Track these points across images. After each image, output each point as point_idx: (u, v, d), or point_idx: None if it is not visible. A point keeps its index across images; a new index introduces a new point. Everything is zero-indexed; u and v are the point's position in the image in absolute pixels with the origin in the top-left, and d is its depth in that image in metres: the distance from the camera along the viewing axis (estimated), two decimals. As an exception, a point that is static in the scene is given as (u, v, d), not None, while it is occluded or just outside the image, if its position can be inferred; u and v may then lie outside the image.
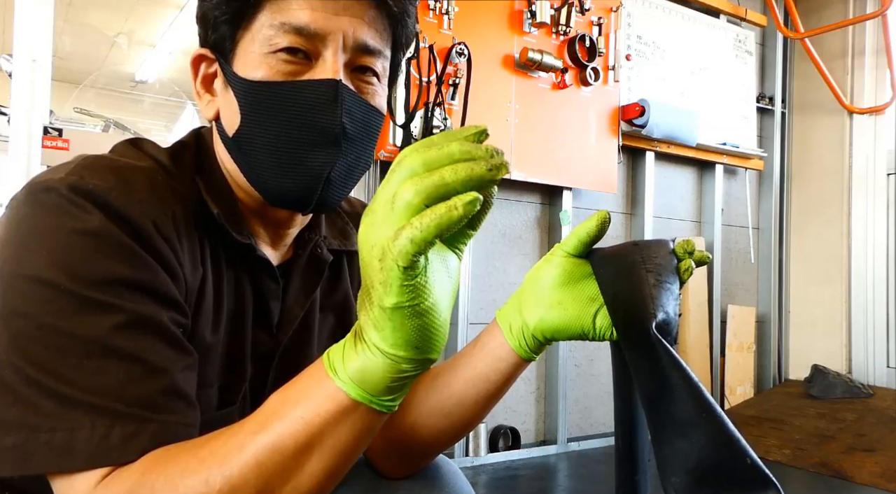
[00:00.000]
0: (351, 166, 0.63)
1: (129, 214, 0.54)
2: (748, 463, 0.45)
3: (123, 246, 0.53)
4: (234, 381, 0.65)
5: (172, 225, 0.57)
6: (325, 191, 0.62)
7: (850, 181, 3.21)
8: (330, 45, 0.60)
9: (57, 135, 1.71)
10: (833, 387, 2.90)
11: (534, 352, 0.64)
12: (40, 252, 0.52)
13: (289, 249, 0.72)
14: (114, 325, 0.51)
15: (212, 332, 0.62)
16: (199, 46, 0.66)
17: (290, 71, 0.60)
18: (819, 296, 3.24)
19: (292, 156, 0.60)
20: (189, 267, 0.59)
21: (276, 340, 0.69)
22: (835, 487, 2.11)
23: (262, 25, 0.60)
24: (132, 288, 0.52)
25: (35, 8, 1.70)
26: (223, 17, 0.61)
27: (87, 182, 0.54)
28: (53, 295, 0.50)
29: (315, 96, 0.59)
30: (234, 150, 0.64)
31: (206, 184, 0.64)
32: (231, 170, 0.66)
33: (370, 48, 0.62)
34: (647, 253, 0.57)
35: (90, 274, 0.51)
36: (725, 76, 3.01)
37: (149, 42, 4.08)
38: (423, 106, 2.05)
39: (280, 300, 0.69)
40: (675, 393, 0.48)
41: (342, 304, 0.77)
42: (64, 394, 0.48)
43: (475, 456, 2.25)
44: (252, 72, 0.60)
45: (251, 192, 0.65)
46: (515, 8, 2.33)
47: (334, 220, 0.78)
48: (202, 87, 0.67)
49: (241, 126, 0.62)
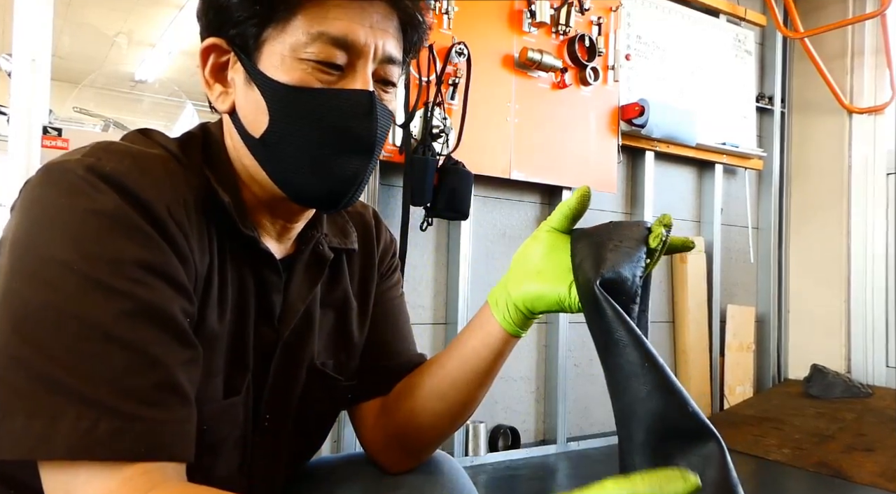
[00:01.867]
0: (373, 168, 0.67)
1: (145, 197, 0.54)
2: (689, 412, 0.46)
3: (137, 227, 0.53)
4: (238, 372, 0.66)
5: (184, 211, 0.58)
6: (355, 193, 0.65)
7: (849, 181, 3.21)
8: (363, 56, 0.62)
9: (56, 134, 1.71)
10: (832, 387, 2.90)
11: (519, 326, 0.67)
12: (53, 230, 0.52)
13: (291, 245, 0.73)
14: (120, 311, 0.50)
15: (218, 321, 0.63)
16: (207, 34, 0.65)
17: (326, 79, 0.61)
18: (818, 296, 3.24)
19: (327, 160, 0.62)
20: (198, 254, 0.59)
21: (277, 333, 0.69)
22: (834, 487, 2.11)
23: (296, 30, 0.60)
24: (143, 270, 0.52)
25: (34, 7, 1.69)
26: (252, 14, 0.61)
27: (104, 164, 0.55)
28: (62, 272, 0.50)
29: (352, 106, 0.61)
30: (258, 149, 0.64)
31: (215, 175, 0.64)
32: (248, 165, 0.66)
33: (393, 59, 0.65)
34: (618, 229, 0.60)
35: (102, 254, 0.51)
36: (725, 76, 3.01)
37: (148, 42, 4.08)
38: (422, 105, 2.05)
39: (282, 293, 0.70)
40: (620, 346, 0.50)
41: (342, 302, 0.78)
42: (50, 377, 0.48)
43: (475, 456, 2.25)
44: (283, 74, 0.61)
45: (267, 187, 0.66)
46: (515, 8, 2.32)
47: (335, 218, 0.79)
48: (211, 76, 0.66)
49: (271, 126, 0.62)
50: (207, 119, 0.73)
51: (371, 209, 0.87)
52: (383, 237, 0.86)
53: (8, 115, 1.69)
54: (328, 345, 0.76)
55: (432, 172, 2.02)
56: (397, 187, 2.16)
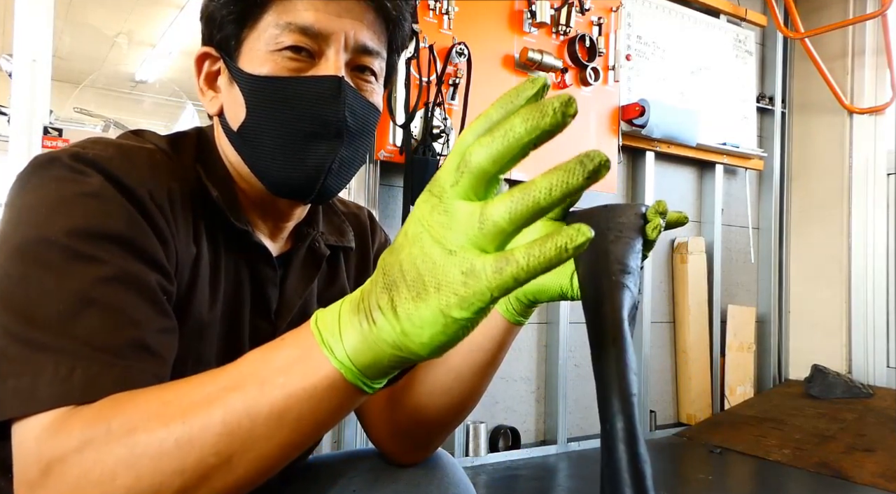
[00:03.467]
0: (350, 159, 0.67)
1: (127, 181, 0.57)
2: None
3: (120, 205, 0.56)
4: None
5: (167, 197, 0.60)
6: (326, 180, 0.65)
7: (849, 181, 3.20)
8: (332, 44, 0.63)
9: (57, 135, 1.71)
10: (833, 387, 2.90)
11: (520, 315, 0.66)
12: (40, 212, 0.54)
13: (287, 242, 0.75)
14: (97, 277, 0.52)
15: (208, 310, 0.64)
16: (202, 45, 0.69)
17: (295, 68, 0.63)
18: (819, 296, 3.24)
19: (296, 147, 0.64)
20: (183, 241, 0.61)
21: (274, 327, 0.71)
22: (835, 487, 2.11)
23: (267, 25, 0.63)
24: (122, 244, 0.54)
25: (35, 8, 1.70)
26: (230, 16, 0.65)
27: (88, 151, 0.57)
28: (45, 247, 0.52)
29: (319, 91, 0.63)
30: (238, 142, 0.67)
31: (207, 172, 0.67)
32: (234, 163, 0.69)
33: (369, 49, 0.66)
34: (615, 216, 0.59)
35: (85, 227, 0.53)
36: (725, 76, 3.01)
37: (149, 42, 4.08)
38: (423, 106, 2.05)
39: (278, 287, 0.71)
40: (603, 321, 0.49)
41: (339, 298, 0.78)
42: (34, 340, 0.49)
43: (475, 456, 2.25)
44: (257, 68, 0.64)
45: (254, 184, 0.68)
46: (515, 8, 2.33)
47: (331, 218, 0.81)
48: (205, 84, 0.70)
49: (247, 119, 0.65)
50: (207, 120, 0.76)
51: (366, 210, 0.90)
52: (378, 237, 0.88)
53: (8, 116, 1.69)
54: None
55: (432, 173, 2.01)
56: (397, 187, 2.16)
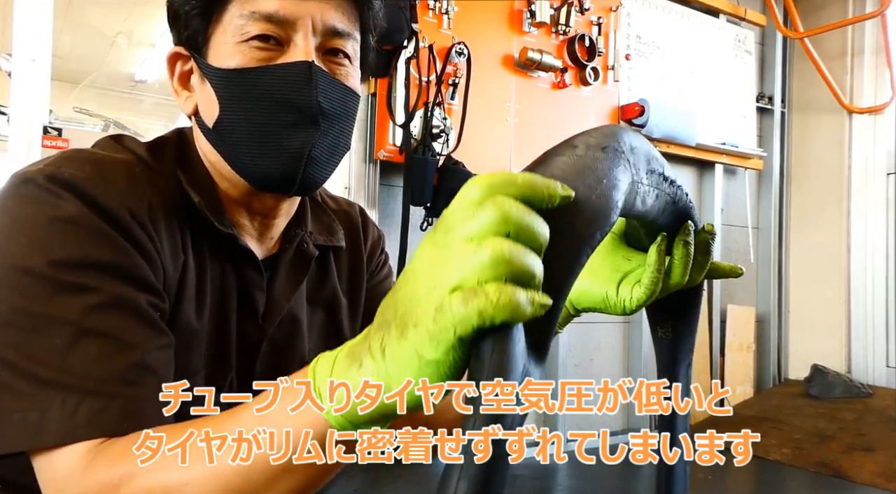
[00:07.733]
0: (331, 145, 0.65)
1: (105, 202, 0.56)
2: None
3: (100, 231, 0.55)
4: (220, 369, 0.66)
5: (148, 212, 0.59)
6: (307, 169, 0.63)
7: (849, 181, 3.20)
8: (300, 29, 0.62)
9: (56, 134, 1.71)
10: (832, 387, 2.90)
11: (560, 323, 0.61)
12: (19, 240, 0.53)
13: (275, 243, 0.74)
14: (87, 306, 0.52)
15: (196, 318, 0.63)
16: (173, 45, 0.68)
17: (264, 57, 0.62)
18: (818, 296, 3.24)
19: (273, 137, 0.62)
20: (169, 254, 0.60)
21: (262, 331, 0.70)
22: (834, 487, 2.11)
23: (232, 16, 0.62)
24: (108, 271, 0.54)
25: (35, 7, 1.69)
26: (194, 11, 0.63)
27: (64, 171, 0.56)
28: (30, 280, 0.52)
29: (289, 78, 0.61)
30: (214, 139, 0.65)
31: (188, 177, 0.65)
32: (214, 162, 0.67)
33: (339, 31, 0.64)
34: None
35: (67, 258, 0.52)
36: (725, 76, 3.01)
37: (148, 41, 4.07)
38: (422, 105, 2.05)
39: (265, 291, 0.70)
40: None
41: (331, 300, 0.78)
42: (37, 375, 0.49)
43: (475, 456, 2.25)
44: (226, 61, 0.62)
45: (236, 182, 0.67)
46: (515, 8, 2.32)
47: (320, 216, 0.80)
48: (179, 85, 0.69)
49: (221, 114, 0.63)
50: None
51: (357, 206, 0.87)
52: (370, 233, 0.86)
53: (8, 115, 1.69)
54: (319, 344, 0.76)
55: (432, 172, 2.02)
56: (397, 187, 2.16)
